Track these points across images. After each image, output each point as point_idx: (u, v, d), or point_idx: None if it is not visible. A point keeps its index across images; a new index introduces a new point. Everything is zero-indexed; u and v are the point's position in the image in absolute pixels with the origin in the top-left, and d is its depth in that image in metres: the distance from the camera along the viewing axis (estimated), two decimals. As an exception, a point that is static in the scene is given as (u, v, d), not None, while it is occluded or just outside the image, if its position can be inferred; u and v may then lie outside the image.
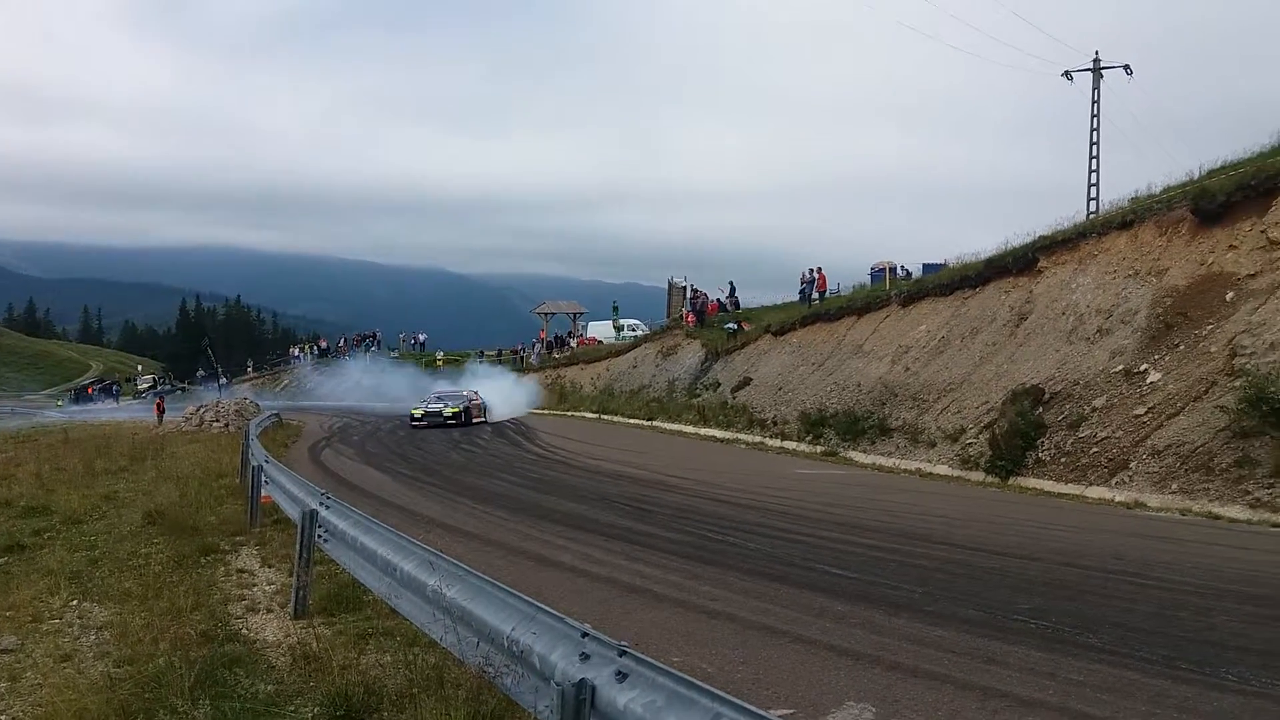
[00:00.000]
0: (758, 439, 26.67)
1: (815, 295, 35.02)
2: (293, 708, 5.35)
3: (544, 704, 3.92)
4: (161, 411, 39.53)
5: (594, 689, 3.56)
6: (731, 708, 3.02)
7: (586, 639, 3.82)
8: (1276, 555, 10.23)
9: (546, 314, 62.19)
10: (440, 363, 55.28)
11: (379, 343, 68.24)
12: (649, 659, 3.45)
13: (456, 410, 32.75)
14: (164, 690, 5.47)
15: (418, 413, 32.69)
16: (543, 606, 4.25)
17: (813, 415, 25.32)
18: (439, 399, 33.84)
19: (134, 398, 71.06)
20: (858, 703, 5.35)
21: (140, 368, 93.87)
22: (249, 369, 76.51)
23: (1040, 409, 18.18)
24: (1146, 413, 15.96)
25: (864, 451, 22.25)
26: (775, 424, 27.01)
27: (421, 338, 68.60)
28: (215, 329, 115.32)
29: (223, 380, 56.61)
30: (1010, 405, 18.76)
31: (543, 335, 58.82)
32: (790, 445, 24.98)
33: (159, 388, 70.24)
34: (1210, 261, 17.49)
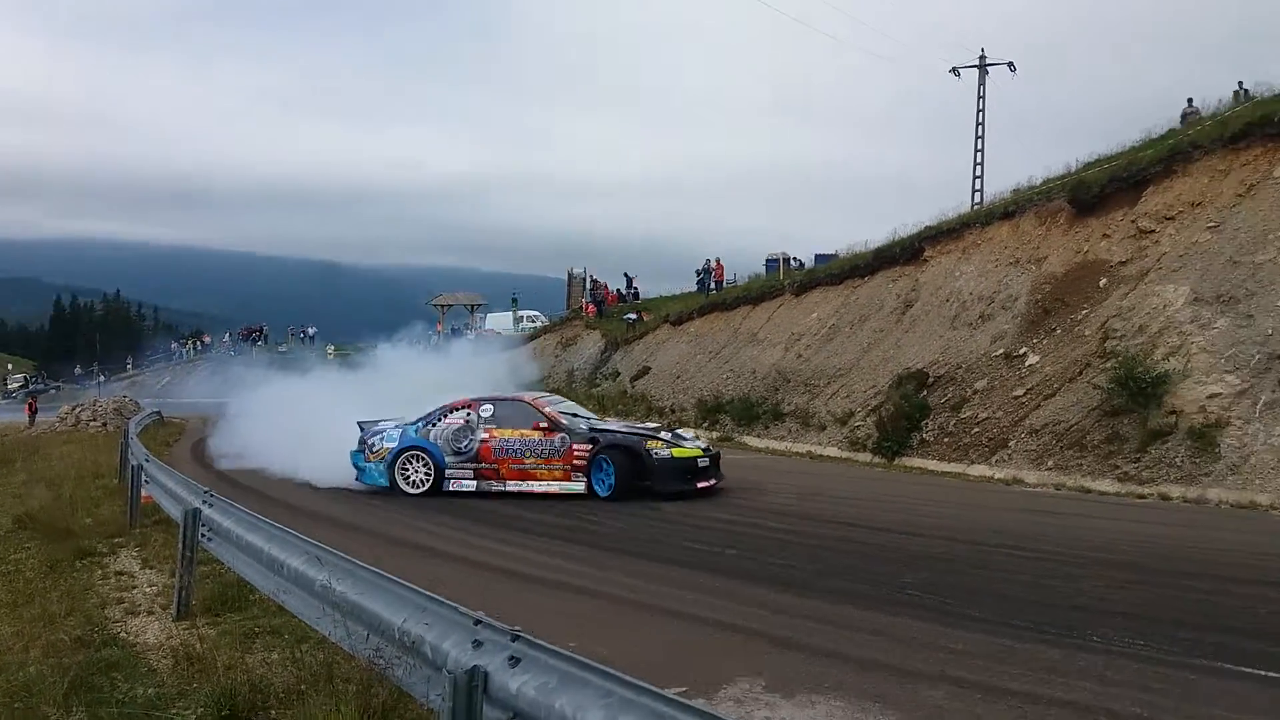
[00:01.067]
0: (656, 427, 26.85)
1: (713, 285, 35.45)
2: (174, 710, 5.18)
3: (435, 693, 3.90)
4: (33, 412, 37.55)
5: (487, 675, 3.55)
6: (624, 685, 3.07)
7: (480, 626, 3.81)
8: (1140, 525, 10.82)
9: (443, 305, 61.10)
10: (332, 354, 53.53)
11: (266, 336, 66.07)
12: (542, 642, 3.46)
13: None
14: (35, 699, 5.24)
15: (697, 454, 13.41)
16: (435, 596, 4.23)
17: (709, 402, 25.65)
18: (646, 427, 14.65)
19: (3, 398, 67.31)
20: (749, 677, 5.48)
21: (10, 367, 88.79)
22: (129, 366, 73.26)
23: (925, 392, 18.80)
24: (1025, 394, 16.67)
25: (758, 436, 22.65)
26: (673, 412, 27.24)
27: (311, 331, 66.54)
28: (93, 325, 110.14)
29: (100, 378, 54.15)
30: (896, 389, 19.35)
31: (439, 328, 57.92)
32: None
33: (31, 387, 66.67)
34: (1086, 250, 18.34)
